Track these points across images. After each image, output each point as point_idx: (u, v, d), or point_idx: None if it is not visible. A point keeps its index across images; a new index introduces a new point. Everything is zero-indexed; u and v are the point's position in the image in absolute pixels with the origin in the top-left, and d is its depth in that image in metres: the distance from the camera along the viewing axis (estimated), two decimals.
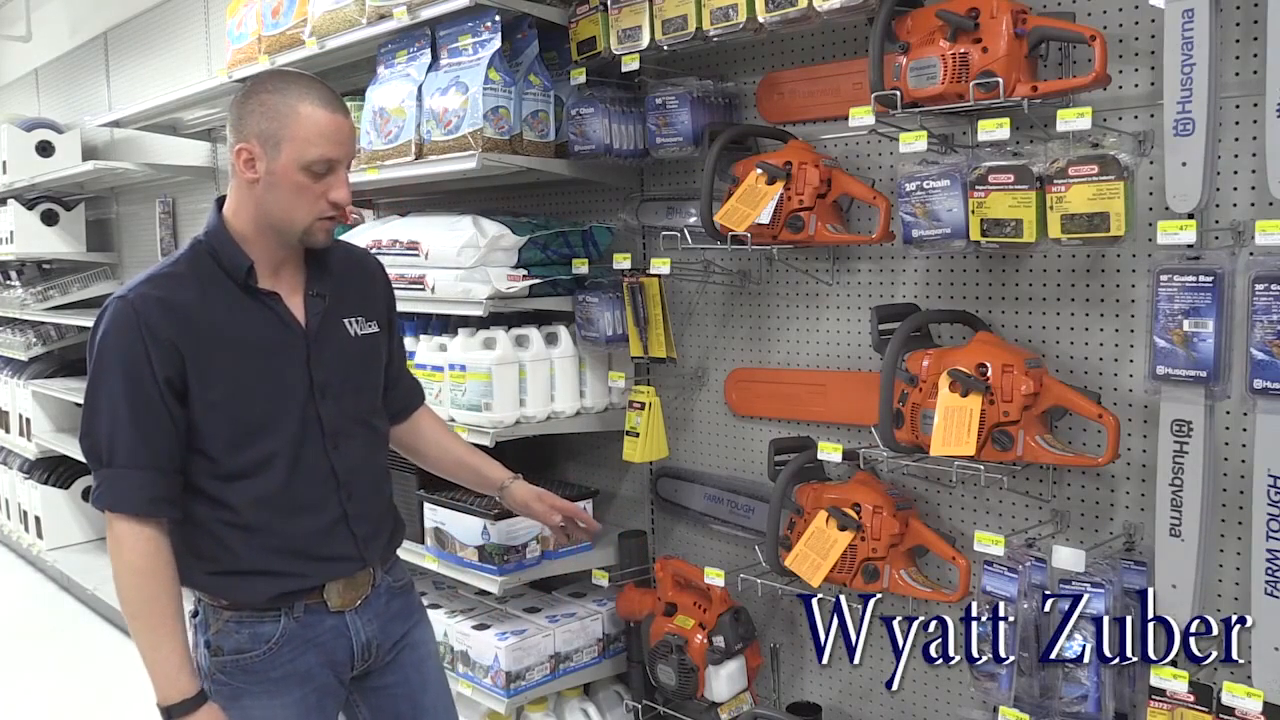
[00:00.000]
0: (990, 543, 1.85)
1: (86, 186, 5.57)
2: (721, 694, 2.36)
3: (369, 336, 1.83)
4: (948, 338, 2.11)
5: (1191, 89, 1.61)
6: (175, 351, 1.60)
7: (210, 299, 1.65)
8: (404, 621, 1.89)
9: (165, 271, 1.68)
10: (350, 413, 1.78)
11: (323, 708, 1.79)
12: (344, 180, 1.66)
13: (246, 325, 1.67)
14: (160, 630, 1.62)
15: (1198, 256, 1.64)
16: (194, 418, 1.64)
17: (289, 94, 1.63)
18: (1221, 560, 1.79)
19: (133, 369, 1.59)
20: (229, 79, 3.25)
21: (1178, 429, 1.68)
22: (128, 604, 1.63)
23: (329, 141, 1.63)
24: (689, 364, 2.69)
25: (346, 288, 1.81)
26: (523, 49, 2.56)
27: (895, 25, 1.92)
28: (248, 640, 1.71)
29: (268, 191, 1.64)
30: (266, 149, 1.62)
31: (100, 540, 5.42)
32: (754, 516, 2.47)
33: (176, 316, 1.61)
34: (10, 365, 5.90)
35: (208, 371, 1.63)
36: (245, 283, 1.68)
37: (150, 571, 1.62)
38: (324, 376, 1.73)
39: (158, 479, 1.62)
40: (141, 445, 1.60)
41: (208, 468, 1.66)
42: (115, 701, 3.78)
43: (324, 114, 1.63)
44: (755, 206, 2.15)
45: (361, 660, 1.82)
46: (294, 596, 1.73)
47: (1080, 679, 1.72)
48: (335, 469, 1.75)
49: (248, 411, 1.66)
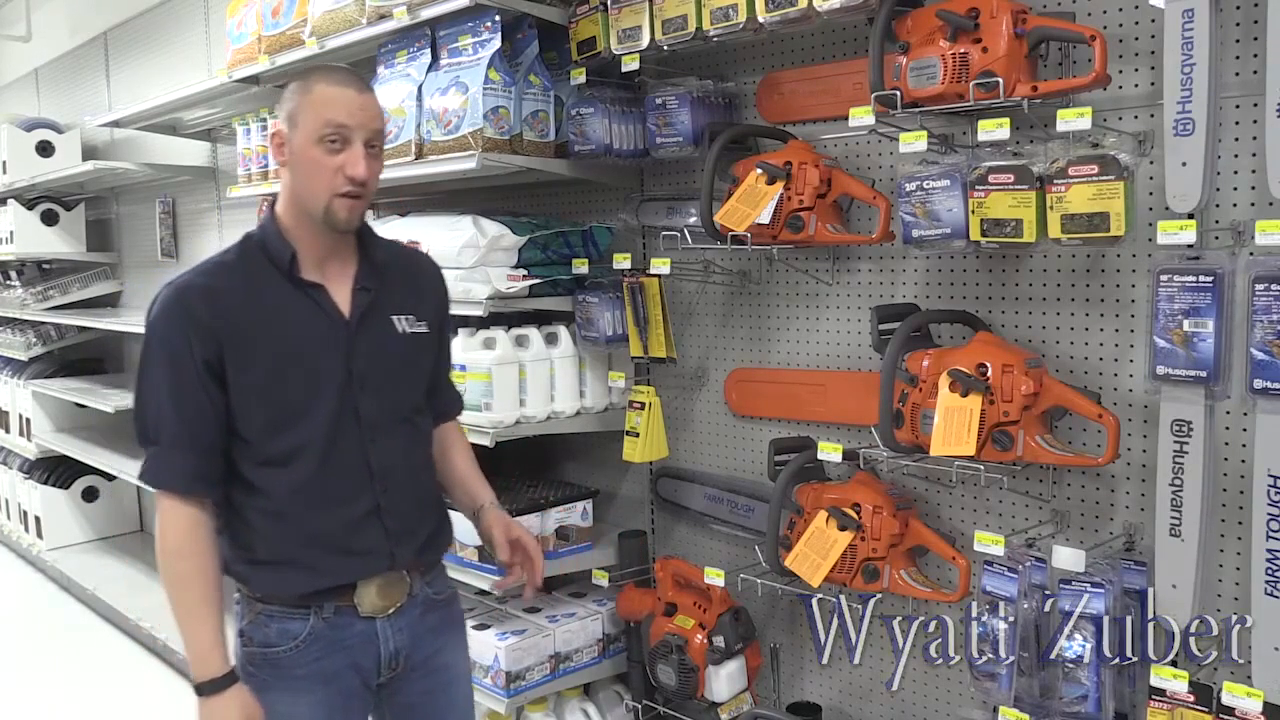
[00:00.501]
0: (990, 543, 1.85)
1: (86, 186, 5.57)
2: (721, 694, 2.36)
3: (416, 335, 1.84)
4: (948, 338, 2.11)
5: (1191, 89, 1.61)
6: (214, 335, 1.65)
7: (254, 287, 1.70)
8: (438, 637, 1.87)
9: (214, 261, 1.75)
10: (390, 407, 1.79)
11: (347, 710, 1.79)
12: (360, 155, 1.67)
13: (287, 314, 1.71)
14: (195, 609, 1.66)
15: (1198, 256, 1.64)
16: (231, 401, 1.68)
17: (310, 77, 1.70)
18: (1221, 560, 1.79)
19: (175, 352, 1.65)
20: (229, 79, 3.26)
21: (1178, 429, 1.68)
22: (167, 580, 1.68)
23: (339, 110, 1.65)
24: (689, 364, 2.69)
25: (397, 285, 1.83)
26: (523, 49, 2.56)
27: (895, 25, 1.92)
28: (276, 635, 1.73)
29: (293, 173, 1.70)
30: (290, 128, 1.69)
31: (100, 540, 5.43)
32: (754, 516, 2.47)
33: (218, 302, 1.67)
34: (10, 365, 5.90)
35: (244, 356, 1.67)
36: (289, 272, 1.71)
37: (187, 550, 1.66)
38: (363, 369, 1.75)
39: (198, 459, 1.67)
40: (183, 426, 1.66)
41: (246, 452, 1.70)
42: (115, 701, 3.78)
43: (336, 88, 1.67)
44: (755, 206, 2.15)
45: (388, 669, 1.80)
46: (323, 596, 1.74)
47: (1080, 679, 1.72)
48: (370, 462, 1.75)
49: (282, 398, 1.69)
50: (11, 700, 3.80)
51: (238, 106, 3.81)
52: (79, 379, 5.49)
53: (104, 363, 5.84)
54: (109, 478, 5.34)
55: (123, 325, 4.59)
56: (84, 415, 5.39)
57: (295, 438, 1.70)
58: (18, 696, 3.83)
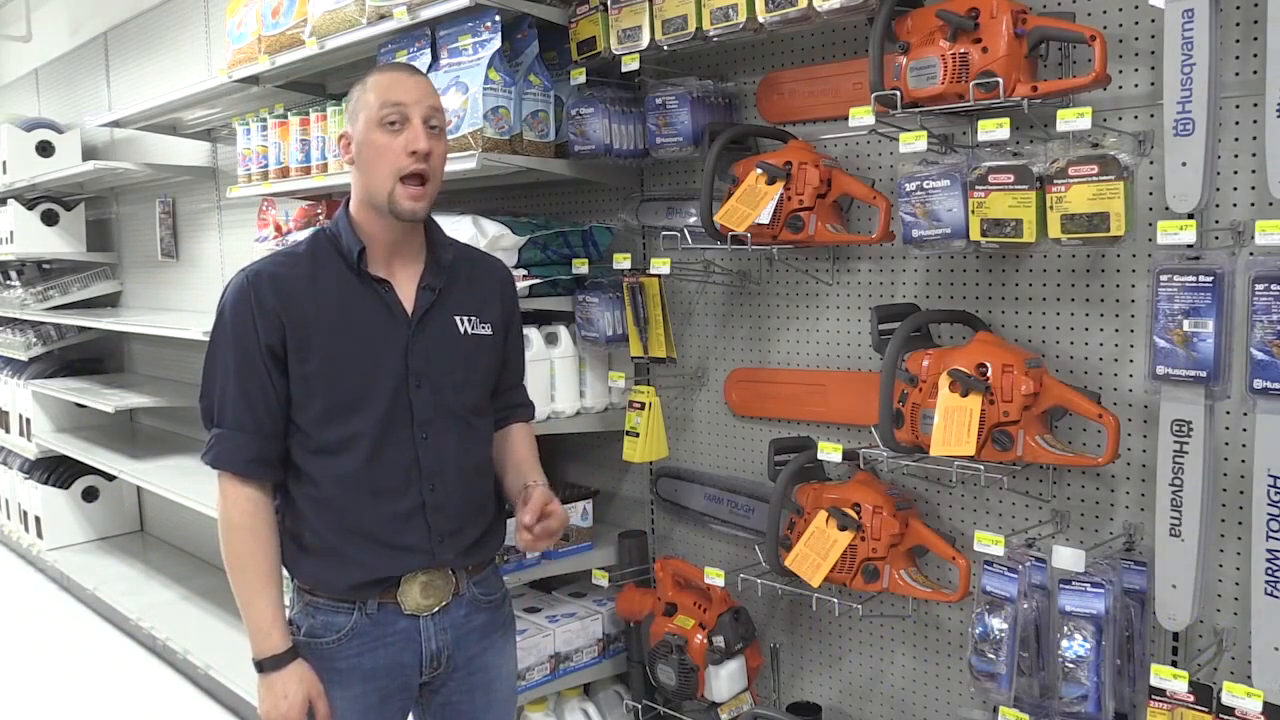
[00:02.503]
0: (990, 543, 1.85)
1: (86, 186, 5.57)
2: (721, 694, 2.37)
3: (480, 337, 1.85)
4: (948, 338, 2.11)
5: (1191, 89, 1.61)
6: (279, 321, 1.70)
7: (321, 278, 1.74)
8: (483, 639, 1.87)
9: (285, 251, 1.81)
10: (446, 405, 1.80)
11: (384, 708, 1.81)
12: (420, 131, 1.70)
13: (351, 306, 1.74)
14: (255, 586, 1.71)
15: (1198, 256, 1.64)
16: (292, 389, 1.72)
17: (367, 76, 1.76)
18: (1221, 560, 1.80)
19: (241, 337, 1.70)
20: (229, 79, 3.25)
21: (1178, 429, 1.68)
22: (228, 559, 1.73)
23: (394, 90, 1.70)
24: (689, 364, 2.69)
25: (463, 286, 1.85)
26: (523, 49, 2.56)
27: (895, 25, 1.92)
28: (320, 626, 1.77)
29: (360, 168, 1.74)
30: (352, 126, 1.74)
31: (100, 540, 5.43)
32: (754, 516, 2.47)
33: (284, 290, 1.71)
34: (10, 365, 5.90)
35: (306, 344, 1.71)
36: (356, 266, 1.74)
37: (248, 529, 1.72)
38: (421, 366, 1.76)
39: (259, 442, 1.72)
40: (245, 409, 1.71)
41: (301, 440, 1.74)
42: (115, 701, 3.78)
43: (387, 74, 1.73)
44: (755, 206, 2.15)
45: (430, 668, 1.81)
46: (367, 590, 1.76)
47: (1080, 679, 1.72)
48: (420, 458, 1.77)
49: (339, 388, 1.72)
50: (11, 700, 3.80)
51: (238, 106, 3.81)
52: (79, 379, 5.49)
53: (104, 363, 5.84)
54: (109, 478, 5.34)
55: (123, 325, 4.59)
56: (84, 415, 5.39)
57: (348, 428, 1.73)
58: (18, 696, 3.83)
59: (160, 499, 4.27)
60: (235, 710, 3.59)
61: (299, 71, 3.18)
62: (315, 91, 3.42)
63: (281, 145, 3.21)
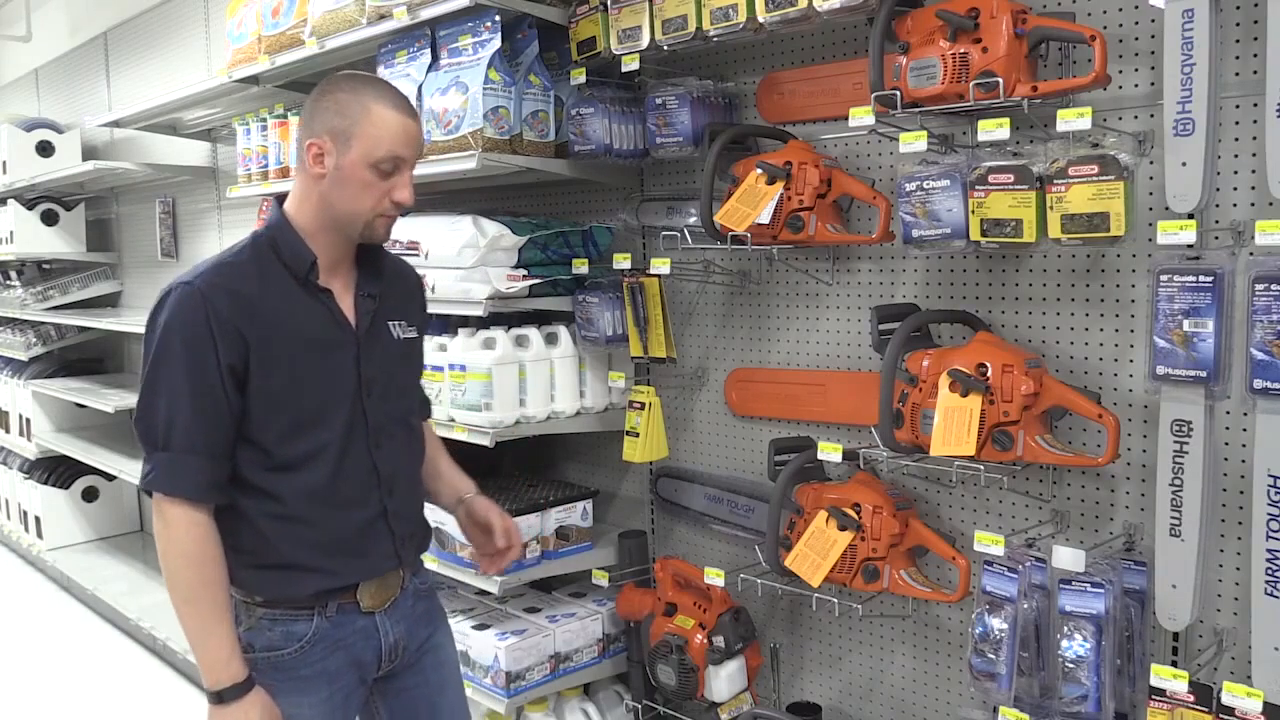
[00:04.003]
0: (990, 543, 1.85)
1: (86, 186, 5.57)
2: (721, 694, 2.36)
3: (409, 340, 1.87)
4: (948, 338, 2.11)
5: (1191, 89, 1.61)
6: (240, 339, 1.63)
7: (270, 291, 1.68)
8: (428, 624, 1.91)
9: (229, 261, 1.71)
10: (393, 412, 1.81)
11: (346, 708, 1.82)
12: (408, 181, 1.70)
13: (304, 319, 1.71)
14: (212, 616, 1.64)
15: (1198, 256, 1.64)
16: (250, 407, 1.66)
17: (363, 94, 1.67)
18: (1221, 560, 1.79)
19: (196, 354, 1.61)
20: (229, 79, 3.25)
21: (1178, 429, 1.68)
22: (179, 589, 1.65)
23: (398, 141, 1.67)
24: (689, 364, 2.69)
25: (392, 292, 1.85)
26: (523, 49, 2.56)
27: (895, 25, 1.92)
28: (280, 638, 1.73)
29: (334, 187, 1.68)
30: (337, 145, 1.66)
31: (100, 540, 5.42)
32: (754, 516, 2.47)
33: (242, 305, 1.64)
34: (10, 365, 5.90)
35: (268, 361, 1.66)
36: (305, 277, 1.71)
37: (203, 557, 1.65)
38: (371, 374, 1.77)
39: (212, 465, 1.65)
40: (199, 431, 1.63)
41: (258, 459, 1.68)
42: (115, 701, 3.78)
43: (395, 115, 1.67)
44: (755, 206, 2.15)
45: (388, 661, 1.84)
46: (329, 595, 1.75)
47: (1080, 679, 1.72)
48: (377, 466, 1.78)
49: (302, 404, 1.69)
50: (12, 700, 3.80)
51: (238, 106, 3.81)
52: (79, 379, 5.49)
53: (104, 363, 5.84)
54: (109, 478, 5.34)
55: (123, 325, 4.59)
56: (84, 415, 5.39)
57: (311, 442, 1.70)
58: (18, 696, 3.83)
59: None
60: None
61: (299, 71, 3.18)
62: None
63: (281, 145, 3.21)
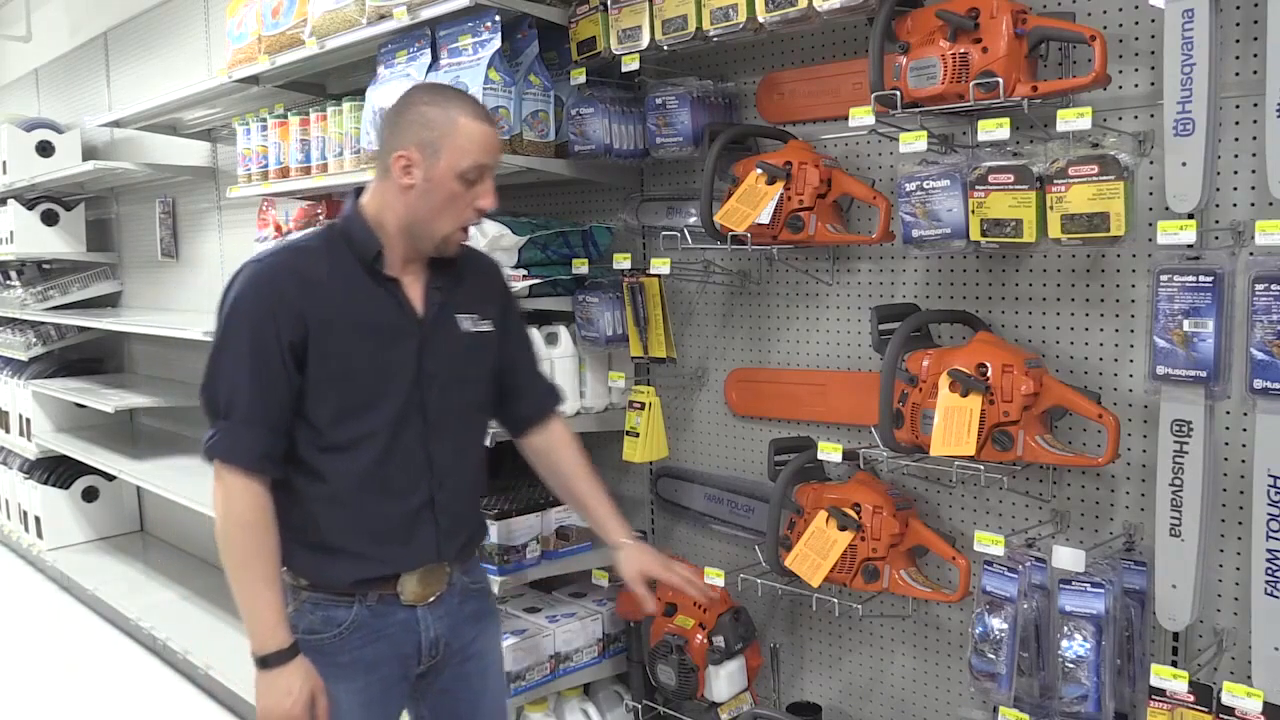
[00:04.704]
0: (990, 543, 1.85)
1: (86, 186, 5.57)
2: (721, 694, 2.36)
3: (480, 334, 1.88)
4: (948, 338, 2.11)
5: (1191, 89, 1.61)
6: (301, 319, 1.69)
7: (337, 276, 1.74)
8: (475, 625, 1.92)
9: (300, 245, 1.80)
10: (453, 405, 1.83)
11: (385, 700, 1.83)
12: (491, 188, 1.75)
13: (367, 306, 1.75)
14: (262, 582, 1.70)
15: (1198, 256, 1.64)
16: (307, 386, 1.71)
17: (448, 107, 1.73)
18: (1221, 560, 1.79)
19: (260, 330, 1.68)
20: (229, 79, 3.25)
21: (1178, 429, 1.68)
22: (232, 554, 1.71)
23: (483, 151, 1.72)
24: (689, 364, 2.69)
25: (464, 284, 1.87)
26: (523, 49, 2.56)
27: (895, 25, 1.92)
28: (320, 622, 1.77)
29: (421, 197, 1.73)
30: (425, 156, 1.71)
31: (100, 540, 5.42)
32: (754, 516, 2.47)
33: (306, 287, 1.70)
34: (10, 365, 5.90)
35: (327, 343, 1.71)
36: (371, 265, 1.75)
37: (257, 525, 1.70)
38: (433, 366, 1.79)
39: (270, 437, 1.70)
40: (259, 403, 1.69)
41: (312, 438, 1.73)
42: (115, 701, 3.78)
43: (479, 125, 1.73)
44: (755, 206, 2.15)
45: (429, 656, 1.85)
46: (369, 585, 1.78)
47: (1080, 679, 1.72)
48: (431, 457, 1.80)
49: (357, 387, 1.73)
50: (12, 700, 3.80)
51: (238, 106, 3.81)
52: (79, 379, 5.48)
53: (104, 363, 5.84)
54: (109, 478, 5.34)
55: (123, 325, 4.59)
56: (84, 415, 5.39)
57: (361, 426, 1.74)
58: (18, 696, 3.83)
59: (160, 499, 4.27)
60: (235, 710, 3.59)
61: (299, 71, 3.18)
62: (315, 91, 3.42)
63: (281, 145, 3.21)
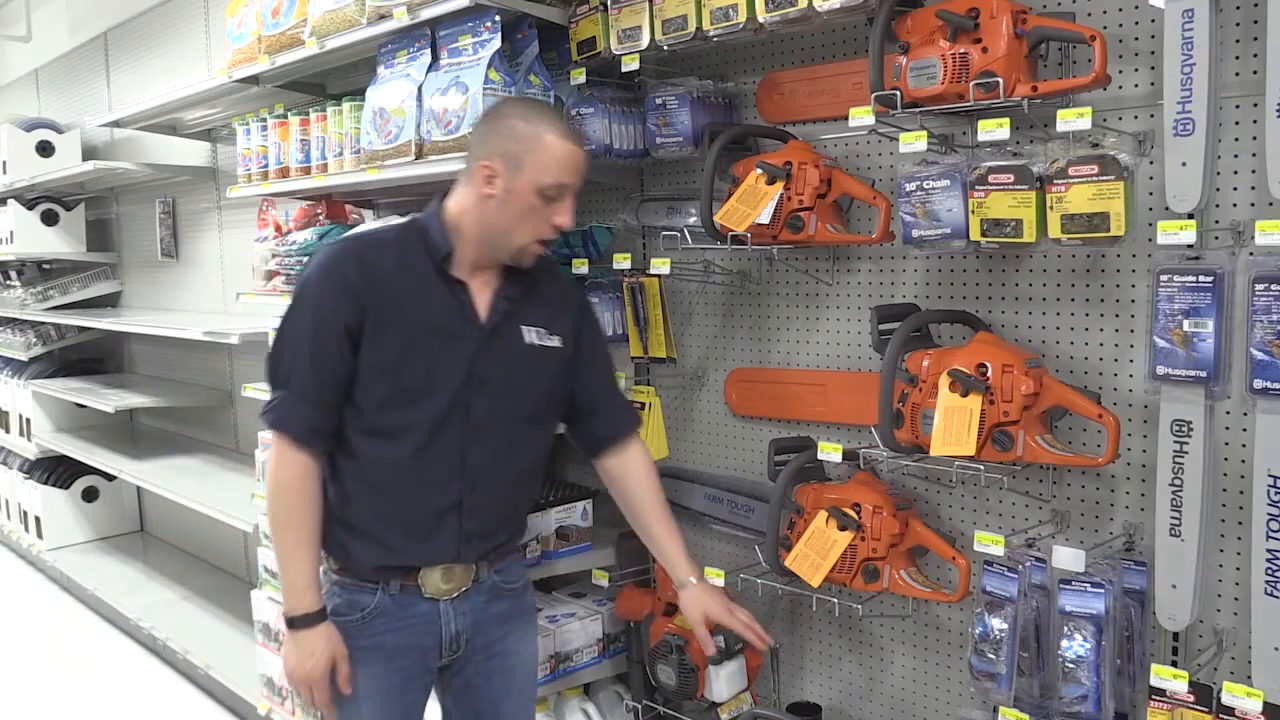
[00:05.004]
0: (990, 543, 1.85)
1: (86, 186, 5.57)
2: (721, 694, 2.36)
3: (545, 348, 1.90)
4: (948, 338, 2.11)
5: (1191, 89, 1.61)
6: (360, 305, 1.76)
7: (405, 270, 1.80)
8: (502, 625, 1.94)
9: (375, 235, 1.88)
10: (501, 413, 1.85)
11: (405, 689, 1.87)
12: (570, 207, 1.80)
13: (429, 303, 1.80)
14: (297, 546, 1.79)
15: (1198, 256, 1.64)
16: (359, 370, 1.78)
17: (536, 122, 1.78)
18: (1221, 560, 1.79)
19: (321, 310, 1.77)
20: (229, 79, 3.25)
21: (1178, 429, 1.68)
22: (274, 517, 1.81)
23: (565, 169, 1.77)
24: (689, 364, 2.69)
25: (537, 297, 1.90)
26: (523, 49, 2.56)
27: (895, 25, 1.92)
28: (345, 605, 1.84)
29: (500, 208, 1.78)
30: (508, 168, 1.76)
31: (100, 540, 5.43)
32: (754, 516, 2.47)
33: (370, 275, 1.77)
34: (10, 365, 5.90)
35: (381, 332, 1.77)
36: (440, 265, 1.79)
37: (297, 490, 1.78)
38: (485, 371, 1.82)
39: (319, 412, 1.79)
40: (312, 379, 1.77)
41: (357, 420, 1.80)
42: (115, 701, 3.78)
43: (564, 144, 1.77)
44: (755, 206, 2.15)
45: (449, 651, 1.88)
46: (390, 572, 1.83)
47: (1080, 679, 1.72)
48: (466, 459, 1.83)
49: (404, 379, 1.78)
50: (12, 700, 3.80)
51: (238, 106, 3.81)
52: (79, 379, 5.49)
53: (104, 363, 5.84)
54: (109, 478, 5.34)
55: (123, 325, 4.59)
56: (84, 415, 5.39)
57: (403, 417, 1.78)
58: (18, 696, 3.83)
59: (160, 499, 4.27)
60: (235, 710, 3.59)
61: (299, 71, 3.18)
62: (315, 91, 3.42)
63: (281, 145, 3.21)
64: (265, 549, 3.21)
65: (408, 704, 1.90)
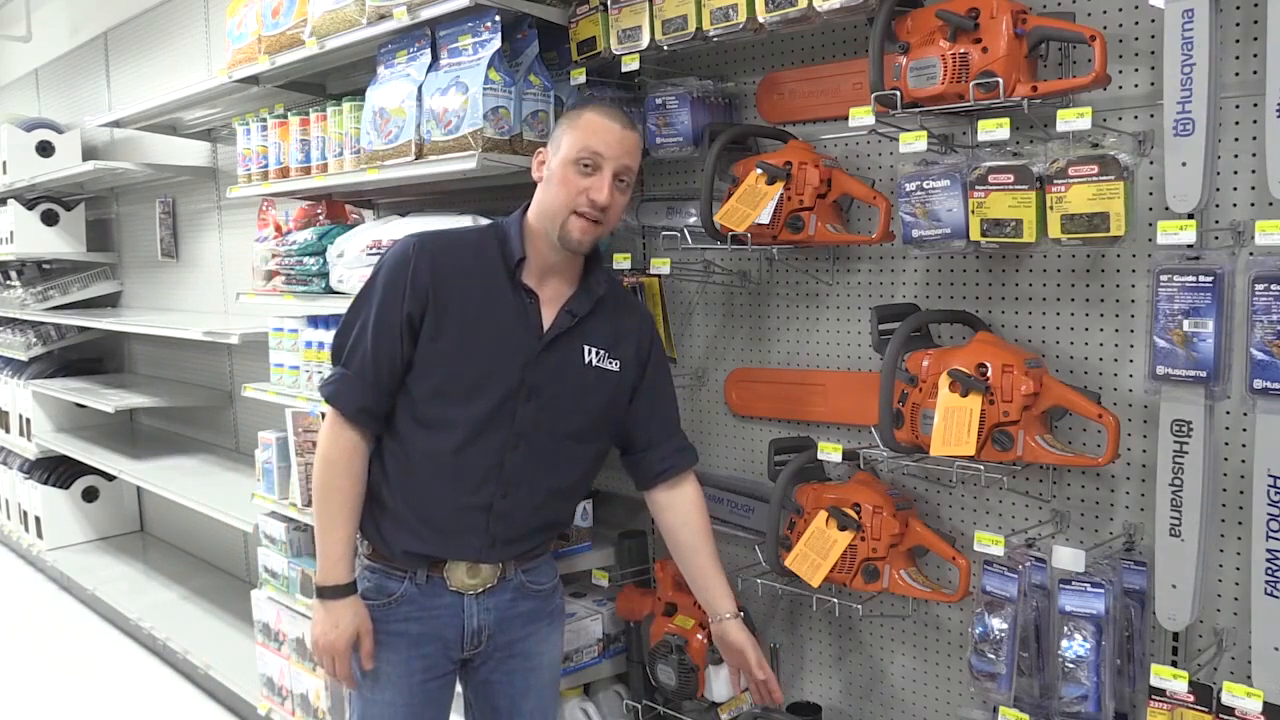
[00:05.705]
0: (990, 543, 1.85)
1: (86, 186, 5.57)
2: (721, 694, 2.36)
3: (603, 370, 1.92)
4: (948, 338, 2.11)
5: (1191, 89, 1.61)
6: (424, 297, 1.81)
7: (477, 272, 1.85)
8: (527, 625, 1.96)
9: (454, 233, 1.95)
10: (547, 424, 1.87)
11: (426, 678, 1.90)
12: (606, 183, 1.80)
13: (493, 305, 1.83)
14: (334, 518, 1.84)
15: (1198, 256, 1.64)
16: (416, 359, 1.83)
17: (585, 107, 1.85)
18: (1221, 560, 1.79)
19: (388, 296, 1.82)
20: (229, 79, 3.25)
21: (1178, 429, 1.68)
22: (316, 488, 1.86)
23: (596, 137, 1.80)
24: (689, 364, 2.69)
25: (604, 318, 1.92)
26: (523, 49, 2.55)
27: (895, 25, 1.92)
28: (373, 590, 1.90)
29: (544, 187, 1.85)
30: (553, 149, 1.85)
31: (100, 540, 5.43)
32: (754, 516, 2.47)
33: (440, 270, 1.82)
34: (10, 365, 5.90)
35: (441, 326, 1.82)
36: (510, 270, 1.84)
37: (340, 464, 1.84)
38: (537, 381, 1.85)
39: (373, 394, 1.84)
40: (370, 361, 1.83)
41: (407, 406, 1.86)
42: (115, 701, 3.78)
43: (600, 118, 1.81)
44: (755, 206, 2.15)
45: (471, 645, 1.91)
46: (418, 561, 1.87)
47: (1080, 679, 1.72)
48: (504, 464, 1.85)
49: (458, 374, 1.83)
50: (12, 700, 3.80)
51: (238, 106, 3.81)
52: (79, 379, 5.49)
53: (104, 363, 5.84)
54: (109, 478, 5.34)
55: (123, 325, 4.59)
56: (84, 415, 5.40)
57: (450, 412, 1.82)
58: (18, 696, 3.83)
59: (160, 499, 4.27)
60: (235, 710, 3.59)
61: (299, 71, 3.18)
62: (315, 91, 3.42)
63: (281, 145, 3.21)
64: (265, 549, 3.21)
65: (428, 691, 1.92)
